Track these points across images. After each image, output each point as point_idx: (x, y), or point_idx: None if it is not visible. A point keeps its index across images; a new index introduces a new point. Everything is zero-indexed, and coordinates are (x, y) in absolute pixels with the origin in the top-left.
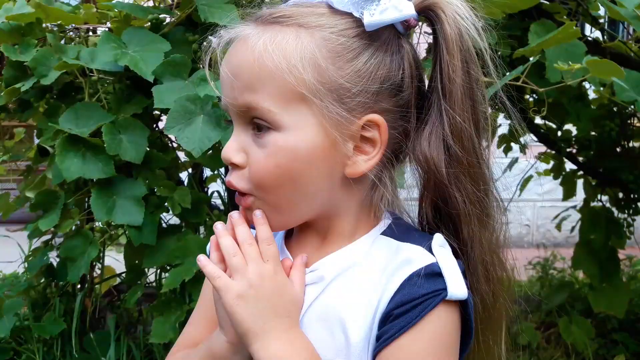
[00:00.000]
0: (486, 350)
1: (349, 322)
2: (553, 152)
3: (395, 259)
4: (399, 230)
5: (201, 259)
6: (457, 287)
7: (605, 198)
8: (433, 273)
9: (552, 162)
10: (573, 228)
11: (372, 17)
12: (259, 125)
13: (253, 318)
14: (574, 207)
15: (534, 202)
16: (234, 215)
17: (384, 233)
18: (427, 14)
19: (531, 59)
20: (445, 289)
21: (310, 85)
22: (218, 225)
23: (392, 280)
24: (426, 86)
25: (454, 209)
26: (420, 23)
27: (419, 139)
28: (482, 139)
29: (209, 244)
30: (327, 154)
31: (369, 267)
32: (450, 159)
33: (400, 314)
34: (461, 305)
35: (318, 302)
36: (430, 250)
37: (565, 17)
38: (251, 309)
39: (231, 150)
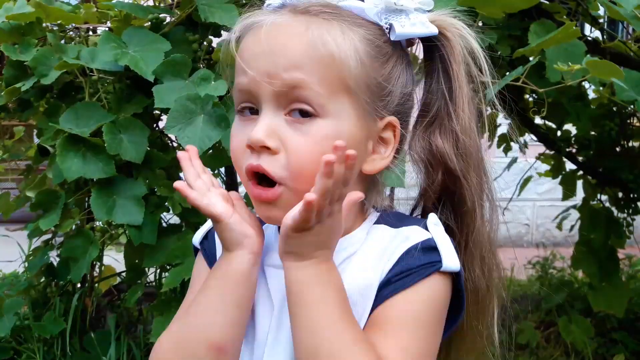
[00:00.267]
0: (479, 334)
1: (355, 299)
2: (552, 152)
3: (394, 240)
4: (394, 218)
5: (308, 196)
6: (451, 260)
7: (604, 198)
8: (429, 247)
9: (551, 163)
10: (572, 227)
11: (403, 29)
12: (299, 110)
13: (306, 246)
14: (574, 206)
15: (533, 202)
16: (330, 157)
17: (377, 222)
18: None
19: (531, 59)
20: (440, 261)
21: (356, 79)
22: (329, 157)
23: (392, 257)
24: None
25: (462, 200)
26: None
27: (430, 137)
28: (481, 136)
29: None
30: (358, 149)
31: (368, 252)
32: (459, 153)
33: (398, 279)
34: (453, 279)
35: None
36: (426, 228)
37: (565, 17)
38: (308, 240)
39: (263, 133)
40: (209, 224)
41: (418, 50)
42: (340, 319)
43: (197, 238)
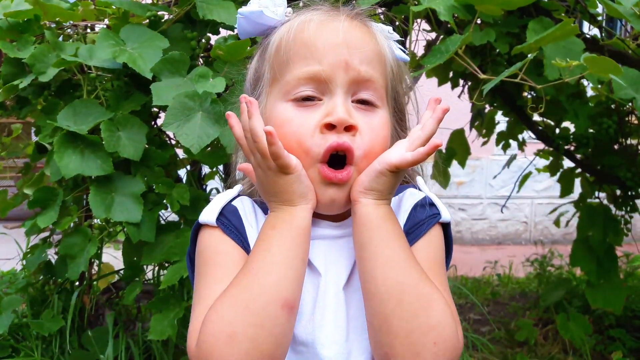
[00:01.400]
0: None
1: None
2: (551, 149)
3: (400, 202)
4: None
5: (401, 147)
6: (445, 213)
7: (602, 195)
8: (429, 203)
9: (550, 159)
10: (568, 222)
11: (396, 52)
12: (367, 100)
13: (388, 186)
14: (572, 202)
15: (531, 199)
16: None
17: None
18: None
19: (529, 55)
20: (439, 213)
21: (391, 81)
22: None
23: (404, 215)
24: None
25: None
26: (418, 20)
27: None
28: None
29: None
30: (389, 140)
31: None
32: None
33: (413, 230)
34: (443, 228)
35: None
36: (417, 188)
37: (563, 14)
38: (394, 181)
39: (344, 112)
40: (219, 203)
41: (417, 48)
42: (412, 254)
43: (209, 216)
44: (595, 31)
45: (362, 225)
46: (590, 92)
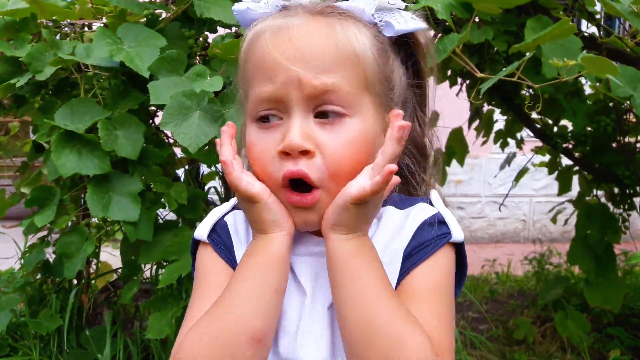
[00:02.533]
0: None
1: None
2: (549, 146)
3: (406, 219)
4: (398, 200)
5: (374, 167)
6: (457, 231)
7: (600, 193)
8: (439, 221)
9: (547, 155)
10: (566, 221)
11: (400, 25)
12: (328, 111)
13: (355, 218)
14: (570, 201)
15: (530, 198)
16: (401, 124)
17: (383, 205)
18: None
19: (527, 54)
20: (449, 232)
21: (373, 75)
22: (401, 123)
23: (408, 233)
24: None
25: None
26: None
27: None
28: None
29: None
30: (378, 142)
31: (385, 232)
32: (427, 139)
33: (417, 252)
34: (457, 248)
35: None
36: (430, 203)
37: (561, 12)
38: (360, 212)
39: (297, 137)
40: (212, 218)
41: None
42: (386, 288)
43: (202, 232)
44: (593, 29)
45: (331, 262)
46: (588, 90)
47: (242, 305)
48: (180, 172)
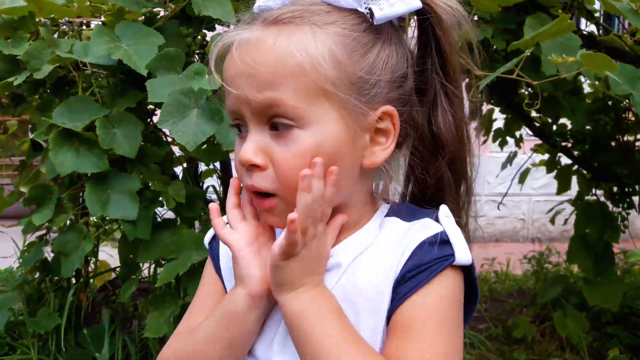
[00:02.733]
0: None
1: (371, 296)
2: (548, 145)
3: (407, 233)
4: (403, 211)
5: (292, 215)
6: (463, 253)
7: (599, 192)
8: (441, 240)
9: (546, 154)
10: (566, 221)
11: (382, 11)
12: (278, 124)
13: (295, 273)
14: (569, 200)
15: (529, 197)
16: (307, 171)
17: (388, 215)
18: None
19: (526, 51)
20: (453, 254)
21: (333, 80)
22: (306, 172)
23: (405, 251)
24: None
25: (465, 181)
26: (415, 17)
27: (434, 120)
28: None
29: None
30: (349, 148)
31: (382, 245)
32: (458, 135)
33: (412, 276)
34: (465, 271)
35: (339, 288)
36: (437, 220)
37: (560, 11)
38: (296, 266)
39: (251, 152)
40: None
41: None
42: (343, 340)
43: (206, 238)
44: (592, 27)
45: (285, 320)
46: (587, 89)
47: (197, 345)
48: (179, 171)
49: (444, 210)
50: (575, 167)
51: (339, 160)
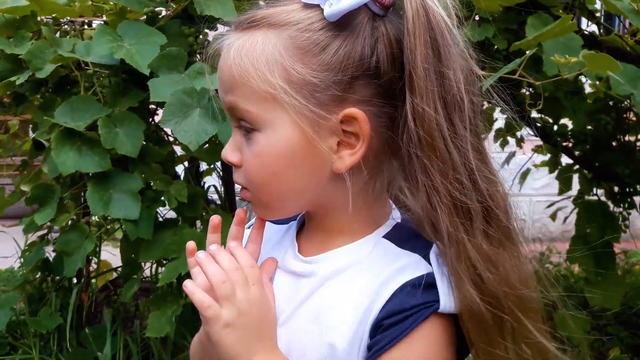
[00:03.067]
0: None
1: (339, 325)
2: (549, 145)
3: (392, 265)
4: (401, 236)
5: (188, 285)
6: (448, 299)
7: (600, 192)
8: (427, 284)
9: (548, 155)
10: (566, 219)
11: (331, 8)
12: (243, 125)
13: (240, 345)
14: (570, 197)
15: (529, 197)
16: (212, 247)
17: (386, 236)
18: None
19: (528, 52)
20: (437, 301)
21: (278, 86)
22: (200, 255)
23: (385, 288)
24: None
25: (420, 201)
26: None
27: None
28: (455, 125)
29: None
30: (306, 152)
31: (366, 270)
32: (419, 145)
33: (391, 324)
34: (456, 318)
35: (313, 301)
36: (427, 258)
37: (561, 10)
38: (239, 336)
39: (227, 150)
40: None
41: None
42: None
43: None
44: (592, 27)
45: None
46: (588, 89)
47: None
48: (180, 170)
49: (436, 248)
50: (577, 167)
51: (295, 164)
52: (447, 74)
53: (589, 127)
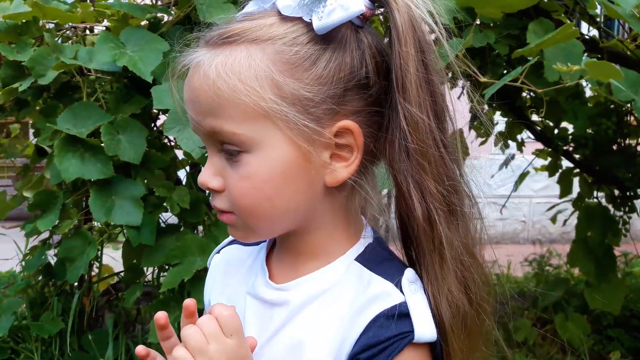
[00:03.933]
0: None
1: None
2: (549, 149)
3: (364, 293)
4: (373, 259)
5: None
6: (425, 328)
7: (601, 195)
8: (400, 314)
9: (548, 158)
10: (565, 221)
11: (321, 21)
12: (228, 149)
13: None
14: (570, 200)
15: (529, 199)
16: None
17: (358, 259)
18: (379, 1)
19: (530, 59)
20: (412, 331)
21: (271, 103)
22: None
23: (358, 320)
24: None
25: (413, 209)
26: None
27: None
28: (445, 132)
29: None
30: (302, 168)
31: (338, 298)
32: (409, 154)
33: (367, 358)
34: (432, 346)
35: (287, 332)
36: (400, 286)
37: (562, 15)
38: None
39: (207, 176)
40: (221, 245)
41: None
42: None
43: (209, 259)
44: (593, 32)
45: None
46: (589, 93)
47: None
48: (182, 174)
49: (408, 274)
50: (577, 170)
51: (290, 183)
52: (434, 82)
53: (590, 131)
